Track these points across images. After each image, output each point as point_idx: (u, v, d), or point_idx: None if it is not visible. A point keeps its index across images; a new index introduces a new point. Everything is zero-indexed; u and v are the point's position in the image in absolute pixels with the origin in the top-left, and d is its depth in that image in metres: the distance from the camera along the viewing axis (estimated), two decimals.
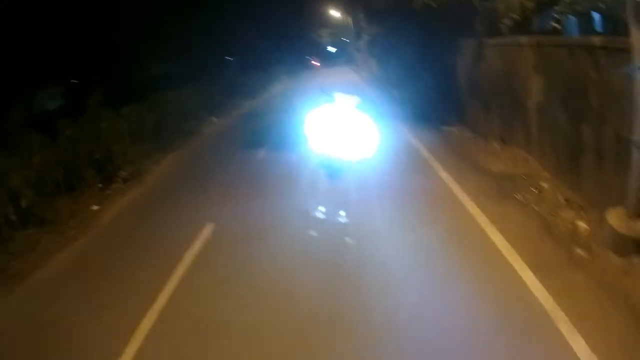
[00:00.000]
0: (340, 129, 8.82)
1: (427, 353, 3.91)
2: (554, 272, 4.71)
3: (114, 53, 14.89)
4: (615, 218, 5.04)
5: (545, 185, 6.95)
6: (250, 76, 26.37)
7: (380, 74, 23.82)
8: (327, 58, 60.69)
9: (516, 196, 6.72)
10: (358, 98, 7.08)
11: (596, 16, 7.28)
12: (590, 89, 5.74)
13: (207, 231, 6.92)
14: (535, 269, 4.73)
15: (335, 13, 48.49)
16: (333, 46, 66.44)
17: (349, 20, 42.43)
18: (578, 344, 3.71)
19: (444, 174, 8.22)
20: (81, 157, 9.95)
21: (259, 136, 13.11)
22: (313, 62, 55.62)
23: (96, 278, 6.15)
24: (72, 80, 14.61)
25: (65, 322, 5.07)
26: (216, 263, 6.01)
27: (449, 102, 12.15)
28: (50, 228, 8.04)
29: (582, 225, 5.71)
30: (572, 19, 7.66)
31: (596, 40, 5.53)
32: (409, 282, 4.98)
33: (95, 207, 9.09)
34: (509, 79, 8.46)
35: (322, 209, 7.10)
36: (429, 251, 5.60)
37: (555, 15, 7.86)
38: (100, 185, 9.99)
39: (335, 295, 4.87)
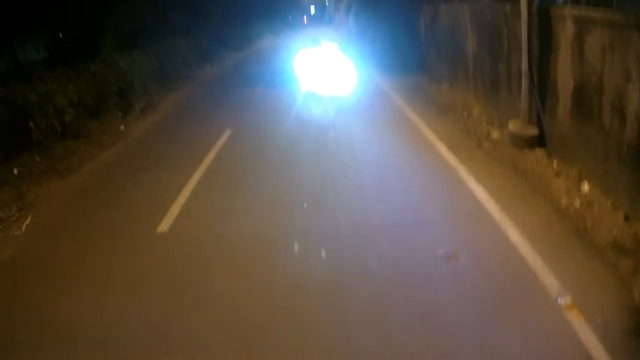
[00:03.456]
0: (324, 69, 11.45)
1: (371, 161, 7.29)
2: (463, 150, 7.20)
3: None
4: (513, 125, 7.47)
5: (474, 111, 9.37)
6: (235, 33, 27.88)
7: (357, 31, 25.89)
8: (308, 17, 63.98)
9: (450, 116, 9.22)
10: (339, 45, 9.52)
11: None
12: (504, 38, 8.11)
13: (227, 132, 9.62)
14: (450, 148, 7.31)
15: None
16: (314, 6, 68.27)
17: None
18: (469, 179, 6.16)
19: (399, 102, 11.07)
20: (106, 88, 11.86)
21: (254, 78, 15.48)
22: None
23: (145, 163, 8.38)
24: (59, 34, 15.46)
25: (131, 185, 7.27)
26: (236, 147, 8.87)
27: (413, 55, 14.47)
28: (85, 140, 9.83)
29: (494, 133, 8.14)
30: None
31: (507, 6, 7.83)
32: (370, 151, 7.95)
33: (122, 127, 11.06)
34: (454, 34, 10.79)
35: (309, 117, 10.15)
36: (383, 138, 8.59)
37: None
38: (120, 112, 11.91)
39: (323, 146, 8.34)
